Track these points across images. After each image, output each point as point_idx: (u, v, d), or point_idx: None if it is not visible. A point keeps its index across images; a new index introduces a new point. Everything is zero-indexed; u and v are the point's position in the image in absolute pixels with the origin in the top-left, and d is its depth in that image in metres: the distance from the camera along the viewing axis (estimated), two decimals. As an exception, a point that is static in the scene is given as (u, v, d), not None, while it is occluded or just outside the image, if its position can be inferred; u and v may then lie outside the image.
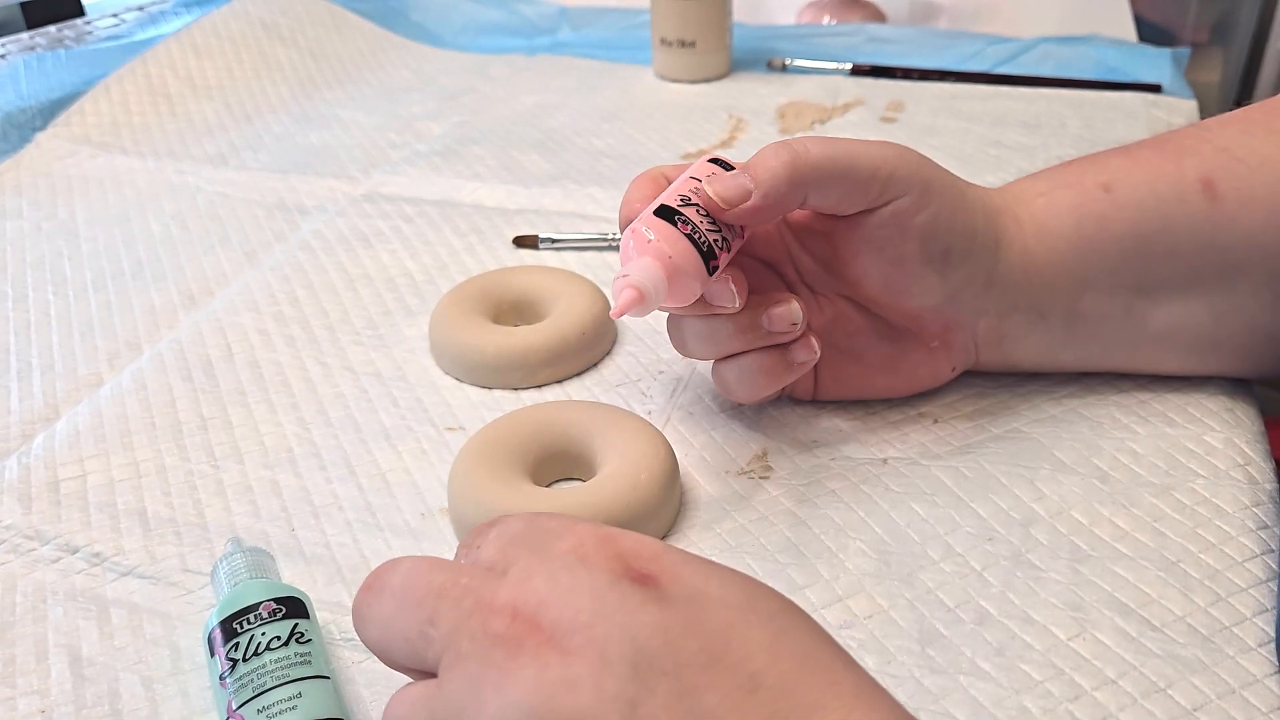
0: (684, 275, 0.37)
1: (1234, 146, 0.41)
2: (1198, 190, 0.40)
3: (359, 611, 0.27)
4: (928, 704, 0.32)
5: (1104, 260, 0.41)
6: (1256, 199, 0.40)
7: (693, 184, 0.39)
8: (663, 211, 0.38)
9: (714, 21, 0.79)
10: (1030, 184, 0.43)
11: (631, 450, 0.39)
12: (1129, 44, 0.82)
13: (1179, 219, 0.40)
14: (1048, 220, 0.41)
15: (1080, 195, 0.41)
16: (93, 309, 0.55)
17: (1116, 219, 0.41)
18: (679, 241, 0.37)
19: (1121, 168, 0.41)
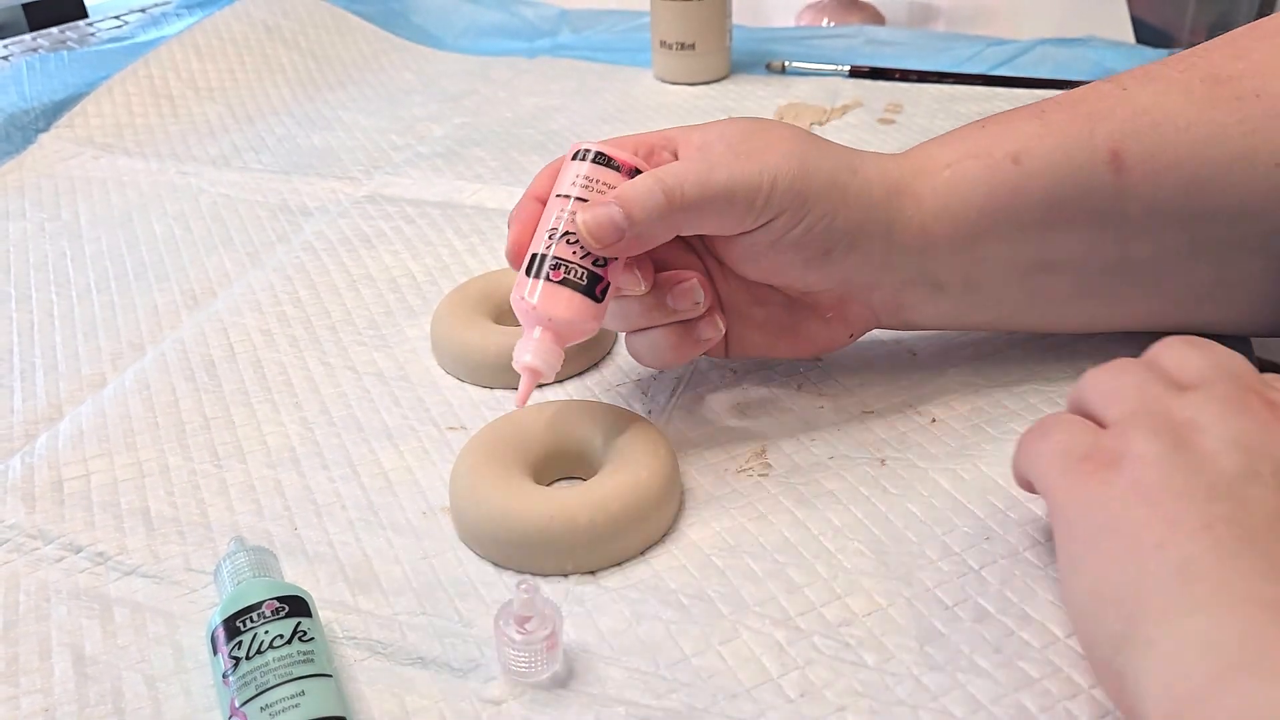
0: (573, 324, 0.39)
1: (1152, 109, 0.40)
2: (1106, 160, 0.40)
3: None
4: (926, 701, 0.32)
5: (1004, 236, 0.41)
6: (1162, 169, 0.40)
7: (562, 206, 0.39)
8: (535, 265, 0.39)
9: (713, 24, 0.80)
10: (940, 151, 0.42)
11: (632, 449, 0.39)
12: (1127, 45, 0.83)
13: (1083, 191, 0.40)
14: (950, 198, 0.41)
15: (988, 167, 0.41)
16: (96, 309, 0.55)
17: (1022, 192, 0.41)
18: (557, 297, 0.38)
19: (1032, 135, 0.41)
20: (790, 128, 0.42)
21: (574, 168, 0.40)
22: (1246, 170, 0.39)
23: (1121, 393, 0.32)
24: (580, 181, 0.40)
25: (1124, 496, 0.29)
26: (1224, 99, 0.40)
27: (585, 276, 0.39)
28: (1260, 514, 0.27)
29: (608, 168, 0.40)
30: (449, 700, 0.33)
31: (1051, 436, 0.33)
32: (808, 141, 0.41)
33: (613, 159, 0.40)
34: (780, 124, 0.42)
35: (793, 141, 0.40)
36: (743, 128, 0.41)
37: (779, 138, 0.40)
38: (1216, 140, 0.40)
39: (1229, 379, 0.31)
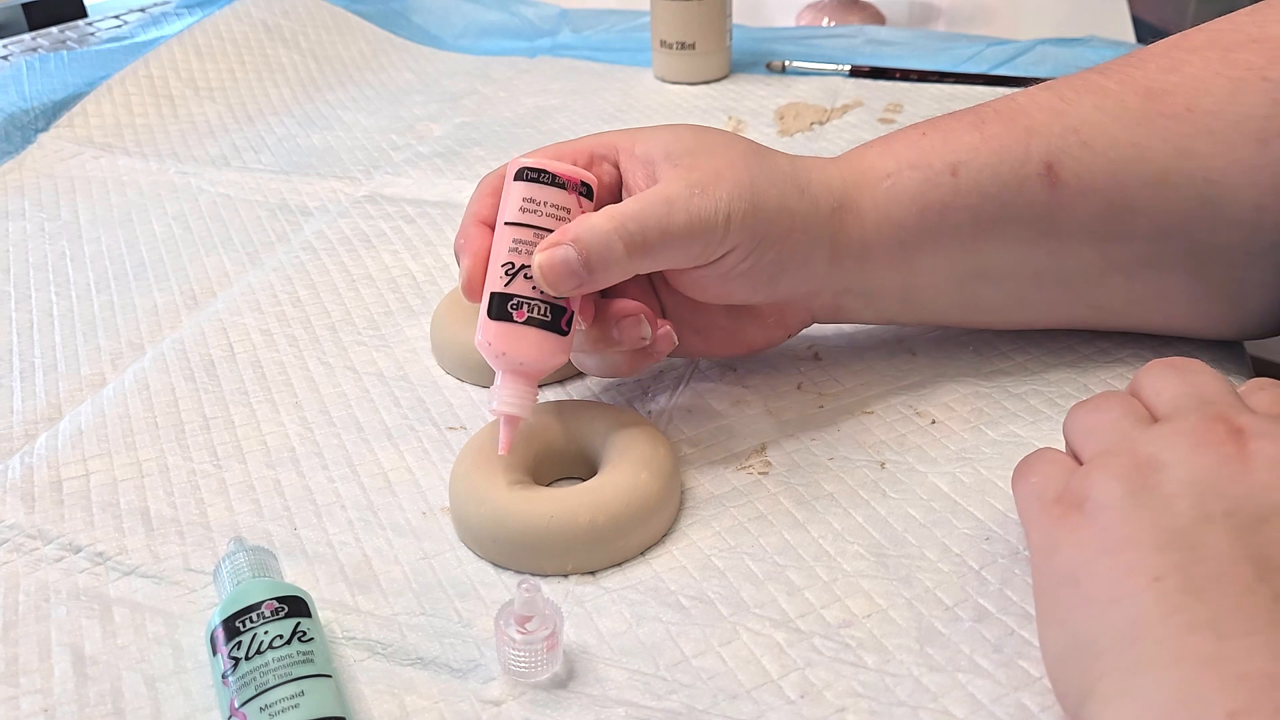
0: (542, 363, 0.38)
1: (1084, 126, 0.41)
2: (1040, 175, 0.41)
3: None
4: (926, 702, 0.32)
5: (940, 246, 0.42)
6: (1095, 188, 0.41)
7: (513, 237, 0.38)
8: (496, 307, 0.38)
9: (713, 23, 0.80)
10: (880, 160, 0.42)
11: (632, 449, 0.39)
12: (1127, 45, 0.83)
13: (1018, 205, 0.41)
14: (890, 209, 0.41)
15: (926, 180, 0.41)
16: (95, 309, 0.55)
17: (958, 205, 0.41)
18: (524, 339, 0.38)
19: (970, 147, 0.41)
20: (734, 142, 0.41)
21: (517, 190, 0.39)
22: (1166, 190, 0.40)
23: (1095, 430, 0.33)
24: (527, 206, 0.38)
25: (1086, 545, 0.30)
26: (1155, 116, 0.40)
27: (548, 311, 0.38)
28: (1210, 560, 0.27)
29: (553, 186, 0.39)
30: (449, 700, 0.33)
31: (1030, 476, 0.34)
32: (755, 163, 0.40)
33: (557, 175, 0.39)
34: (724, 138, 0.41)
35: (741, 166, 0.39)
36: (686, 143, 0.40)
37: (727, 162, 0.39)
38: (1139, 161, 0.40)
39: (1199, 408, 0.31)
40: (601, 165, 0.41)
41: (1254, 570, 0.27)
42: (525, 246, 0.38)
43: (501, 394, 0.38)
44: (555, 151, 0.41)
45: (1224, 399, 0.32)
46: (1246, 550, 0.27)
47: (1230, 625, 0.26)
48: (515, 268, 0.38)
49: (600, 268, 0.37)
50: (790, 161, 0.42)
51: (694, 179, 0.39)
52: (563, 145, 0.42)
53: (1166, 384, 0.33)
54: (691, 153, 0.40)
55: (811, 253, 0.41)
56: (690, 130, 0.41)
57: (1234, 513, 0.28)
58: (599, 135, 0.42)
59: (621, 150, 0.41)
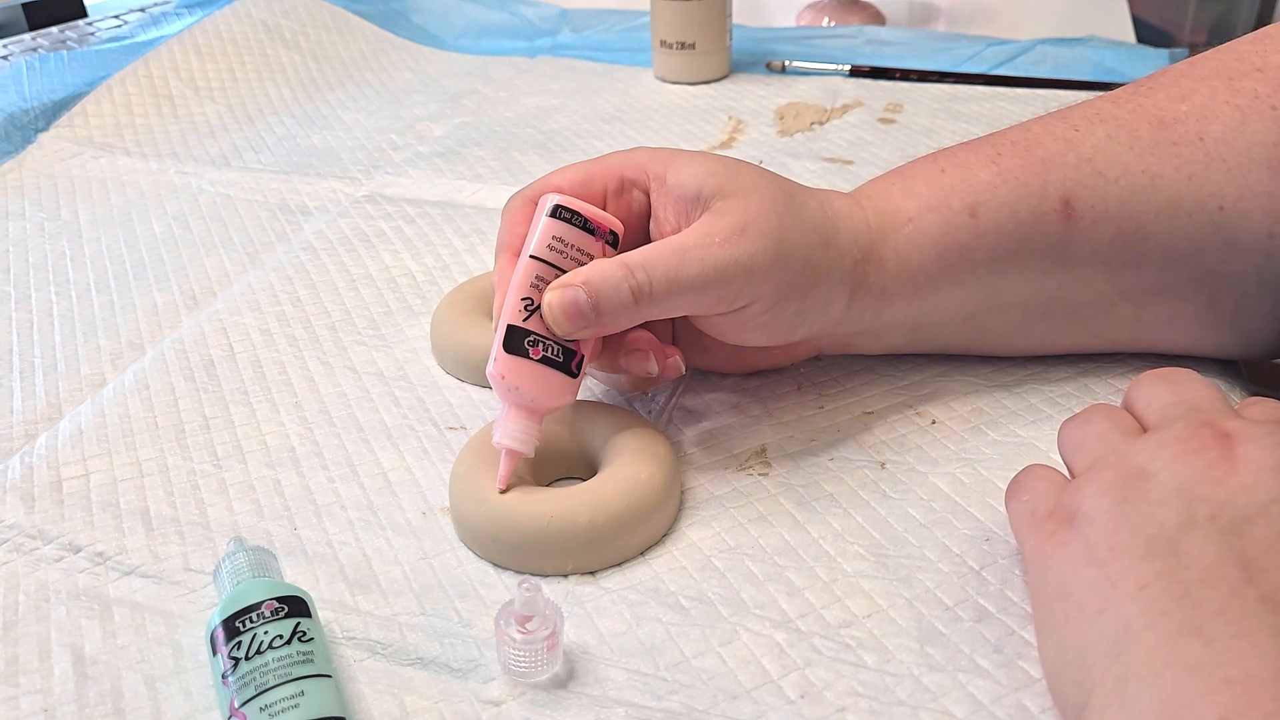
0: (551, 402, 0.39)
1: (1097, 156, 0.41)
2: (1057, 210, 0.41)
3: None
4: (927, 702, 0.32)
5: (955, 283, 0.42)
6: (1108, 217, 0.41)
7: (535, 273, 0.38)
8: (512, 340, 0.38)
9: (713, 23, 0.80)
10: (902, 203, 0.42)
11: (632, 449, 0.39)
12: (1127, 45, 0.83)
13: (1034, 241, 0.41)
14: (911, 255, 0.41)
15: (946, 222, 0.41)
16: (95, 309, 0.55)
17: (976, 245, 0.41)
18: (536, 376, 0.38)
19: (988, 186, 0.41)
20: (768, 186, 0.40)
21: (548, 227, 0.39)
22: (1178, 218, 0.40)
23: (1085, 444, 0.33)
24: (555, 245, 0.38)
25: (1075, 559, 0.30)
26: (1166, 144, 0.41)
27: (561, 353, 0.39)
28: (1195, 566, 0.27)
29: (583, 230, 0.39)
30: (449, 701, 0.33)
31: (1021, 494, 0.34)
32: (786, 213, 0.39)
33: (589, 220, 0.39)
34: (759, 180, 0.40)
35: (772, 217, 0.38)
36: (720, 182, 0.39)
37: (758, 211, 0.38)
38: (1150, 189, 0.40)
39: (1188, 415, 0.31)
40: (631, 192, 0.41)
41: (1240, 573, 0.27)
42: (545, 285, 0.38)
43: (506, 427, 0.38)
44: (586, 174, 0.41)
45: (1213, 406, 0.32)
46: (1232, 553, 0.27)
47: (1217, 629, 0.26)
48: (534, 304, 0.38)
49: (609, 313, 0.37)
50: (820, 207, 0.41)
51: (719, 227, 0.38)
52: (594, 165, 0.41)
53: (1156, 394, 0.33)
54: (723, 194, 0.39)
55: (830, 303, 0.41)
56: (725, 168, 0.40)
57: (1218, 516, 0.28)
58: (631, 155, 0.41)
59: (654, 178, 0.41)
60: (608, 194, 0.41)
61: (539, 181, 0.41)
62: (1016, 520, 0.34)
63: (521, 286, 0.38)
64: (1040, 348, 0.46)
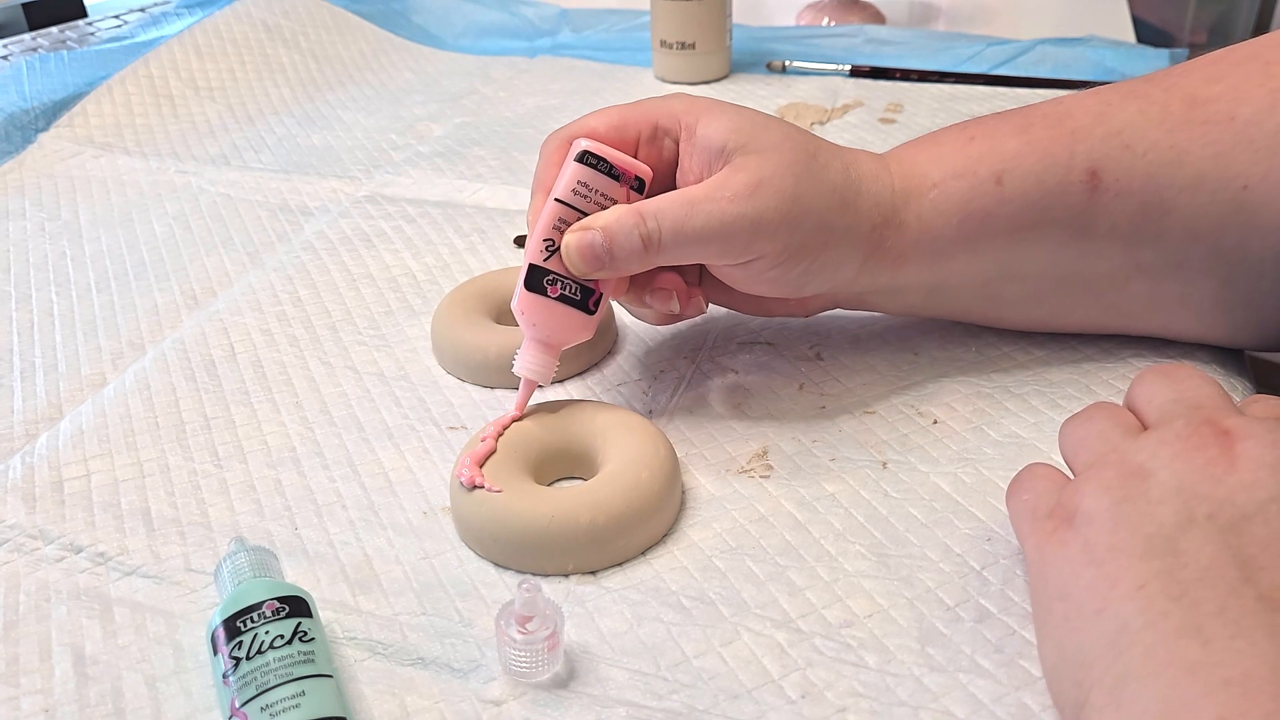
0: (567, 337, 0.41)
1: (1127, 130, 0.41)
2: (1083, 180, 0.41)
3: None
4: (928, 702, 0.32)
5: (975, 250, 0.42)
6: (1133, 190, 0.41)
7: (558, 215, 0.40)
8: (532, 279, 0.40)
9: (713, 23, 0.80)
10: (929, 167, 0.42)
11: (633, 449, 0.39)
12: (1127, 45, 0.83)
13: (1057, 211, 0.41)
14: (932, 220, 0.42)
15: (971, 188, 0.41)
16: (96, 309, 0.55)
17: (999, 211, 0.41)
18: (553, 313, 0.41)
19: (1015, 154, 0.42)
20: (791, 145, 0.41)
21: (574, 172, 0.40)
22: (1201, 195, 0.40)
23: (1085, 442, 0.33)
24: (579, 190, 0.40)
25: (1074, 559, 0.30)
26: (1196, 122, 0.41)
27: (579, 291, 0.41)
28: (1194, 565, 0.27)
29: (608, 176, 0.40)
30: (449, 701, 0.33)
31: (1022, 493, 0.34)
32: (804, 173, 0.40)
33: (614, 167, 0.40)
34: (783, 138, 0.41)
35: (789, 176, 0.39)
36: (744, 137, 0.40)
37: (775, 169, 0.39)
38: (1175, 165, 0.40)
39: (1188, 413, 0.31)
40: (663, 140, 0.42)
41: (1239, 572, 0.27)
42: (567, 226, 0.40)
43: (525, 359, 0.41)
44: (621, 118, 0.42)
45: (1214, 402, 0.32)
46: (1230, 552, 0.27)
47: (1215, 629, 0.26)
48: (555, 245, 0.40)
49: (621, 257, 0.39)
50: (845, 169, 0.41)
51: (733, 182, 0.39)
52: (630, 110, 0.42)
53: (1157, 391, 0.33)
54: (745, 150, 0.40)
55: (843, 264, 0.42)
56: (752, 123, 0.41)
57: (1217, 514, 0.28)
58: (668, 103, 0.42)
59: (685, 128, 0.41)
60: (641, 139, 0.42)
61: (577, 122, 0.42)
62: (1017, 519, 0.34)
63: (545, 228, 0.40)
64: (1052, 320, 0.46)
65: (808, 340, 0.49)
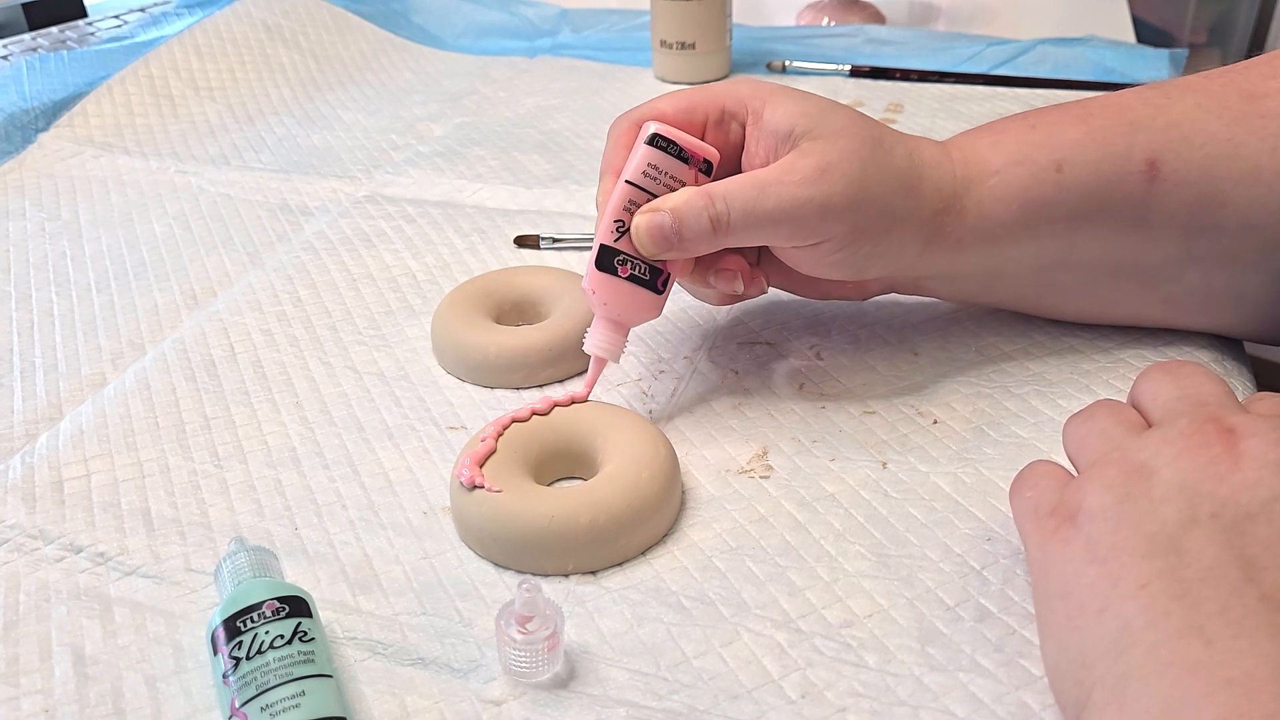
0: (638, 316, 0.43)
1: (1185, 122, 0.42)
2: (1141, 170, 0.41)
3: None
4: (928, 701, 0.32)
5: (1034, 238, 0.43)
6: (1191, 180, 0.41)
7: (628, 197, 0.41)
8: (603, 259, 0.42)
9: (713, 23, 0.80)
10: (989, 154, 0.43)
11: (633, 449, 0.39)
12: (1127, 45, 0.83)
13: (1115, 200, 0.42)
14: (993, 207, 0.42)
15: (1031, 176, 0.42)
16: (96, 309, 0.55)
17: (1058, 200, 0.42)
18: (622, 292, 0.42)
19: (1075, 142, 0.42)
20: (857, 130, 0.41)
21: (645, 154, 0.41)
22: (1257, 187, 0.41)
23: (1089, 440, 0.33)
24: (650, 172, 0.41)
25: (1077, 557, 0.30)
26: (1253, 115, 0.41)
27: (648, 271, 0.42)
28: (1197, 565, 0.27)
29: (678, 159, 0.41)
30: (449, 701, 0.33)
31: (1024, 490, 0.34)
32: (870, 158, 0.41)
33: (684, 149, 0.41)
34: (850, 123, 0.41)
35: (855, 161, 0.40)
36: (811, 122, 0.41)
37: (841, 153, 0.40)
38: (1232, 157, 0.41)
39: (1192, 410, 0.31)
40: (730, 124, 0.43)
41: (1242, 571, 0.27)
42: (636, 208, 0.41)
43: (595, 336, 0.43)
44: (690, 102, 0.42)
45: (1218, 400, 0.32)
46: (1233, 551, 0.27)
47: (1218, 629, 0.26)
48: (625, 226, 0.41)
49: (690, 239, 0.40)
50: (908, 155, 0.42)
51: (801, 165, 0.40)
52: (698, 94, 0.43)
53: (1161, 389, 0.33)
54: (812, 135, 0.40)
55: (905, 247, 0.42)
56: (819, 108, 0.41)
57: (1220, 514, 0.28)
58: (735, 87, 0.43)
59: (752, 113, 0.42)
60: (708, 123, 0.43)
61: (645, 105, 0.43)
62: (1020, 516, 0.34)
63: (615, 209, 0.41)
64: (1105, 311, 0.46)
65: (808, 340, 0.49)
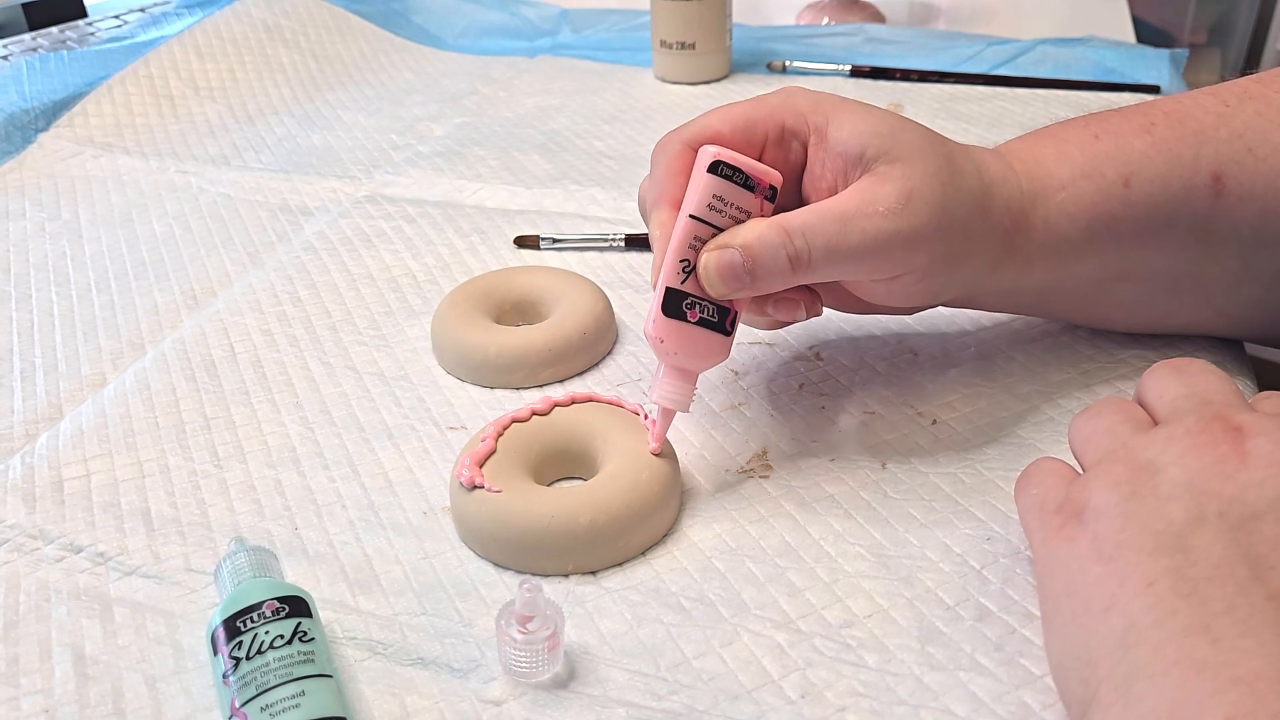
0: (708, 361, 0.39)
1: (1248, 132, 0.40)
2: (1207, 185, 0.40)
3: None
4: (928, 701, 0.32)
5: (1099, 253, 0.42)
6: (1255, 195, 0.40)
7: (694, 234, 0.38)
8: (670, 303, 0.38)
9: (713, 23, 0.80)
10: (1055, 168, 0.41)
11: (633, 449, 0.39)
12: (1127, 45, 0.83)
13: (1181, 215, 0.41)
14: (1060, 224, 0.41)
15: (1100, 190, 0.41)
16: (96, 309, 0.55)
17: (1126, 216, 0.41)
18: (693, 338, 0.38)
19: (1142, 156, 0.41)
20: (932, 151, 0.39)
21: (708, 185, 0.38)
22: None
23: (1095, 438, 0.33)
24: (715, 205, 0.38)
25: (1082, 555, 0.30)
26: None
27: (716, 313, 0.39)
28: (1203, 563, 0.27)
29: (743, 188, 0.38)
30: (449, 701, 0.33)
31: (1030, 487, 0.34)
32: (949, 181, 0.38)
33: (750, 177, 0.38)
34: (923, 142, 0.39)
35: (936, 186, 0.38)
36: (884, 143, 0.38)
37: (922, 178, 0.37)
38: None
39: (1199, 408, 0.31)
40: (790, 144, 0.40)
41: (1248, 570, 0.27)
42: (702, 245, 0.38)
43: (663, 388, 0.39)
44: (748, 119, 0.39)
45: (1224, 398, 0.32)
46: (1240, 550, 0.27)
47: (1224, 628, 0.26)
48: (691, 265, 0.38)
49: (764, 277, 0.37)
50: (977, 173, 0.40)
51: (882, 194, 0.37)
52: (755, 110, 0.40)
53: (1168, 386, 0.33)
54: (888, 158, 0.38)
55: (979, 271, 0.41)
56: (890, 128, 0.39)
57: (1227, 512, 0.28)
58: (792, 101, 0.40)
59: (814, 130, 0.40)
60: (768, 142, 0.40)
61: (697, 122, 0.40)
62: (1025, 514, 0.34)
63: (680, 248, 0.38)
64: (1159, 322, 0.45)
65: (807, 340, 0.49)
